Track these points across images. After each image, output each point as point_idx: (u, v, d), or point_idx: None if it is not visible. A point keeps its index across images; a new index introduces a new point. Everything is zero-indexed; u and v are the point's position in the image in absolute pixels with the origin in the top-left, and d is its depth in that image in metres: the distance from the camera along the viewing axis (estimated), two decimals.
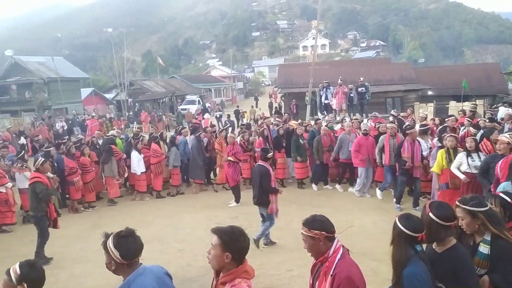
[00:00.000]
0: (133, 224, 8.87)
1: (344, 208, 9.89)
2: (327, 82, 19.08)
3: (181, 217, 9.94)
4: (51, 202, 7.48)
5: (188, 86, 49.29)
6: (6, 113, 35.00)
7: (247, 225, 8.77)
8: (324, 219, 3.01)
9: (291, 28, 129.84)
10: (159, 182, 11.95)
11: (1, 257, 7.89)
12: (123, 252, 2.69)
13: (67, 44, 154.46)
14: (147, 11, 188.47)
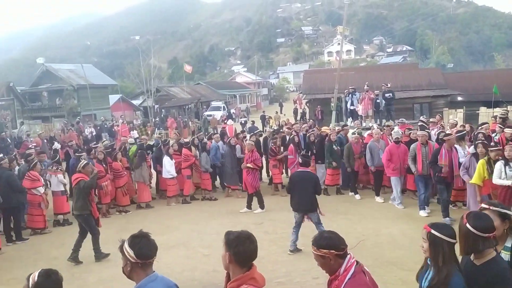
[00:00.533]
0: (159, 229, 9.03)
1: (371, 216, 9.73)
2: (353, 88, 18.90)
3: (207, 222, 9.98)
4: (94, 201, 7.70)
5: (213, 93, 49.69)
6: (38, 119, 36.05)
7: (272, 231, 8.86)
8: (332, 235, 2.89)
9: (316, 34, 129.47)
10: (188, 187, 12.08)
11: (33, 259, 8.09)
12: (136, 251, 2.77)
13: (96, 52, 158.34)
14: (173, 19, 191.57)
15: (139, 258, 2.78)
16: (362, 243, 7.92)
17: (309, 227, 8.72)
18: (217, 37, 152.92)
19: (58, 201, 10.47)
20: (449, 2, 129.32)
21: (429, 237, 2.85)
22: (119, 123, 29.92)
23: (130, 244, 2.80)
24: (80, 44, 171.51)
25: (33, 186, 9.64)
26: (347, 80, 24.32)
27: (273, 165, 12.15)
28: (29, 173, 9.76)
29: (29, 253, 8.66)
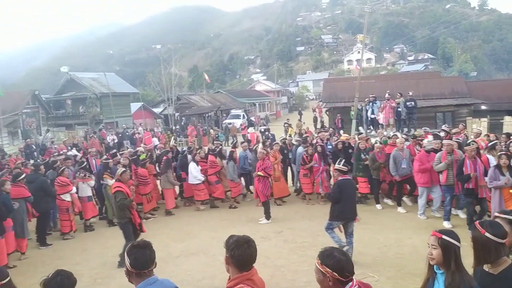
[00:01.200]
0: (179, 236, 9.07)
1: (393, 226, 9.58)
2: (374, 97, 18.78)
3: (227, 230, 9.97)
4: (134, 208, 7.86)
5: (233, 101, 49.95)
6: (62, 126, 36.83)
7: (291, 240, 8.82)
8: (342, 258, 2.58)
9: (336, 42, 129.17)
10: (221, 191, 12.19)
11: (56, 264, 8.21)
12: (132, 261, 2.86)
13: (118, 61, 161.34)
14: (193, 28, 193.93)
15: (133, 268, 2.86)
16: (384, 254, 7.84)
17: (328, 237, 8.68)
18: (237, 45, 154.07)
19: (85, 207, 10.72)
20: (471, 10, 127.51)
21: (440, 243, 2.82)
22: (139, 130, 30.34)
23: (127, 253, 2.90)
24: (102, 53, 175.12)
25: (63, 192, 9.93)
26: (367, 88, 24.15)
27: (303, 174, 12.04)
28: (58, 179, 10.04)
29: (52, 258, 8.81)
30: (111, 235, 9.92)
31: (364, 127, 18.16)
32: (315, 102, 65.33)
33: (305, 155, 12.07)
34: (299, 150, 12.91)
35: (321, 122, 32.49)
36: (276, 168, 12.01)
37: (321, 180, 11.90)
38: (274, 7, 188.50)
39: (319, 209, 11.44)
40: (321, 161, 11.94)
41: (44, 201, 9.51)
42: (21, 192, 8.88)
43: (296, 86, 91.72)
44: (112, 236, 9.80)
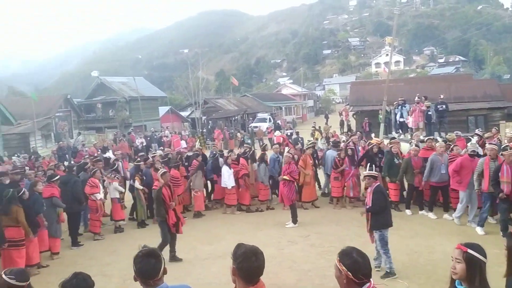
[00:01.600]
0: (207, 239, 9.13)
1: (424, 232, 9.37)
2: (403, 100, 18.41)
3: (253, 233, 9.99)
4: (170, 208, 8.08)
5: (259, 104, 50.04)
6: (92, 129, 37.74)
7: (319, 245, 8.73)
8: (359, 260, 2.61)
9: (363, 45, 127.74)
10: (247, 197, 12.19)
11: (87, 264, 8.41)
12: (137, 269, 2.77)
13: (146, 65, 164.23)
14: (220, 32, 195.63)
15: (138, 276, 2.78)
16: (415, 260, 7.67)
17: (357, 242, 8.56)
18: (263, 49, 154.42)
19: (115, 208, 10.99)
20: (504, 11, 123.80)
21: (465, 258, 2.72)
22: (166, 134, 30.77)
23: (134, 260, 2.81)
24: (131, 58, 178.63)
25: (92, 192, 10.24)
26: (396, 91, 23.73)
27: (334, 177, 11.94)
28: (90, 180, 10.39)
29: (84, 258, 9.00)
30: (140, 237, 10.07)
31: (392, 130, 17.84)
32: (341, 105, 64.72)
33: (337, 158, 11.95)
34: (329, 154, 12.79)
35: (348, 126, 32.15)
36: (305, 172, 11.89)
37: (352, 184, 11.76)
38: (301, 11, 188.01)
39: (346, 213, 11.32)
40: (352, 165, 11.82)
41: (75, 202, 9.79)
42: (52, 193, 9.17)
43: (322, 89, 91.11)
44: (140, 238, 9.94)
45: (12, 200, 7.82)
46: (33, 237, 8.08)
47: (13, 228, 7.69)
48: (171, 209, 8.20)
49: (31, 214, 8.06)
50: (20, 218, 7.72)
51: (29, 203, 8.16)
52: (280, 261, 8.00)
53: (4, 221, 7.71)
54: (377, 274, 6.92)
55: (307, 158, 12.15)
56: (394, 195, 11.14)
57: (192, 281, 7.28)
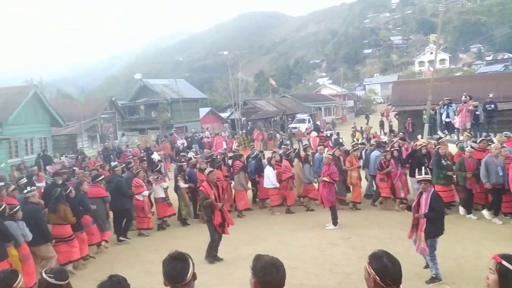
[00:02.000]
0: (247, 239, 9.15)
1: (471, 236, 9.01)
2: (449, 99, 17.77)
3: (293, 235, 9.94)
4: (216, 208, 8.13)
5: (299, 105, 49.82)
6: (135, 131, 38.82)
7: (360, 247, 8.57)
8: (390, 265, 2.56)
9: (406, 43, 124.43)
10: (291, 197, 12.16)
11: (131, 262, 8.65)
12: (164, 273, 2.77)
13: (187, 67, 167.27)
14: (259, 33, 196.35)
15: (166, 280, 2.78)
16: (461, 266, 7.37)
17: (400, 246, 8.34)
18: (302, 50, 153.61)
19: (160, 207, 11.32)
20: None
21: (498, 269, 2.56)
22: (206, 134, 31.20)
23: (163, 263, 2.82)
24: (172, 60, 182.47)
25: (137, 192, 10.63)
26: (441, 90, 22.94)
27: (380, 178, 11.71)
28: (134, 180, 10.77)
29: (128, 255, 9.27)
30: (183, 236, 10.27)
31: (438, 131, 17.25)
32: (382, 105, 63.37)
33: (383, 159, 11.70)
34: (374, 155, 12.51)
35: (390, 126, 31.42)
36: (352, 174, 11.80)
37: (401, 185, 11.52)
38: (341, 10, 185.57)
39: (388, 216, 11.06)
40: (398, 166, 11.59)
41: (119, 200, 10.15)
42: (99, 192, 9.60)
43: (363, 89, 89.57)
44: (182, 237, 10.14)
45: (59, 199, 8.18)
46: (80, 233, 8.49)
47: (60, 226, 8.06)
48: (217, 209, 8.20)
49: (77, 212, 8.42)
50: (68, 216, 8.07)
51: (75, 202, 8.55)
52: (321, 263, 7.92)
53: (52, 219, 8.09)
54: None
55: (353, 160, 11.99)
56: (446, 197, 10.56)
57: (233, 281, 7.34)
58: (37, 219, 7.62)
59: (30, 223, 7.38)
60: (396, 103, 26.62)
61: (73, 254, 8.17)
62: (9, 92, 22.03)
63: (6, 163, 18.45)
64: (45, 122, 23.63)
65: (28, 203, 7.90)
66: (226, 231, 8.44)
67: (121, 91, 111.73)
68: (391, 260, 2.60)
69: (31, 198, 7.95)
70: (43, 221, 7.82)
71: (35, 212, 7.78)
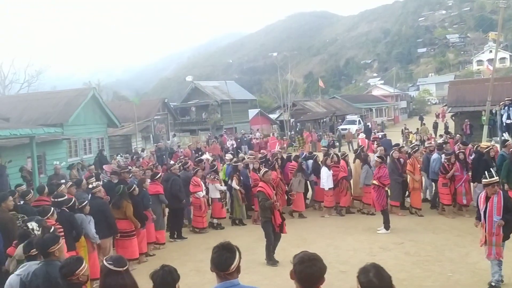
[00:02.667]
0: (296, 241, 9.11)
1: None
2: (510, 99, 16.83)
3: (343, 238, 9.79)
4: (276, 209, 8.16)
5: (349, 106, 49.01)
6: (186, 131, 39.75)
7: (414, 253, 8.31)
8: (375, 281, 2.59)
9: (463, 41, 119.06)
10: (346, 199, 12.01)
11: (183, 260, 8.87)
12: (211, 259, 3.02)
13: (237, 69, 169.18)
14: (309, 34, 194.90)
15: (212, 266, 3.04)
16: None
17: (456, 252, 8.02)
18: (353, 50, 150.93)
19: (216, 207, 11.60)
20: None
21: None
22: (256, 136, 31.39)
23: (212, 250, 3.08)
24: (223, 62, 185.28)
25: (195, 191, 10.95)
26: (502, 91, 21.80)
27: (442, 183, 11.03)
28: (193, 179, 11.09)
29: (179, 253, 9.51)
30: (235, 235, 10.41)
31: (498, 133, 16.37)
32: (437, 106, 60.97)
33: (447, 163, 11.00)
34: (433, 158, 11.91)
35: (446, 128, 30.14)
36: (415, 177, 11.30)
37: (464, 191, 10.86)
38: (394, 8, 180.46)
39: (443, 221, 10.64)
40: (463, 170, 10.97)
41: (174, 198, 10.47)
42: (157, 190, 10.03)
43: (416, 89, 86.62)
44: (235, 236, 10.27)
45: (123, 195, 8.64)
46: (142, 229, 8.95)
47: (123, 221, 8.52)
48: (276, 209, 8.19)
49: (140, 209, 8.87)
50: (128, 212, 8.51)
51: (138, 199, 9.00)
52: None
53: (116, 214, 8.55)
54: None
55: (415, 162, 11.43)
56: None
57: (281, 283, 7.34)
58: (106, 212, 8.13)
59: (99, 216, 7.89)
60: (452, 104, 25.54)
61: (134, 253, 8.55)
62: (70, 95, 23.19)
63: (66, 162, 19.46)
64: (102, 123, 24.69)
65: (95, 198, 8.39)
66: (285, 230, 8.41)
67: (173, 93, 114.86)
68: (379, 275, 2.57)
69: (97, 193, 8.44)
70: (111, 214, 8.29)
71: (104, 206, 8.30)
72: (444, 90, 59.07)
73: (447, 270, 7.28)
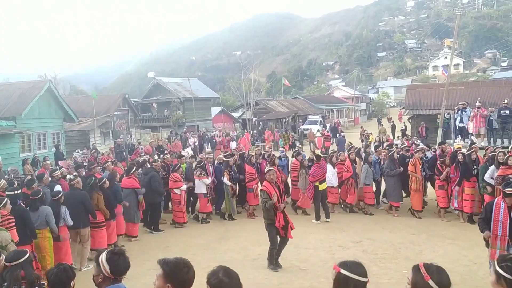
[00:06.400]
0: (255, 240, 9.07)
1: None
2: (464, 104, 17.60)
3: (304, 237, 9.87)
4: (279, 210, 7.62)
5: (311, 107, 49.65)
6: (148, 128, 39.06)
7: (371, 251, 8.50)
8: (226, 279, 2.58)
9: (420, 47, 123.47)
10: (352, 197, 11.94)
11: (141, 259, 8.66)
12: (113, 268, 2.94)
13: (200, 67, 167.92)
14: (273, 34, 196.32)
15: (113, 274, 2.94)
16: (473, 272, 7.27)
17: (411, 250, 8.25)
18: (315, 51, 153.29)
19: (202, 202, 11.66)
20: None
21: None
22: (216, 134, 31.27)
23: (107, 260, 2.94)
24: (186, 59, 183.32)
25: (175, 186, 11.01)
26: (455, 95, 22.76)
27: (438, 186, 10.88)
28: (172, 175, 11.13)
29: (138, 252, 9.27)
30: (197, 233, 10.26)
31: (452, 136, 17.09)
32: (396, 109, 62.82)
33: (440, 164, 10.93)
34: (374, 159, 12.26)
35: (402, 130, 31.11)
36: (416, 178, 11.10)
37: (456, 194, 10.62)
38: (355, 12, 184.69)
39: (400, 221, 10.96)
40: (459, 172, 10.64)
41: (152, 193, 10.60)
42: (132, 184, 10.16)
43: (376, 92, 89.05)
44: (196, 235, 10.14)
45: (94, 187, 8.79)
46: (112, 220, 9.13)
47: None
48: (279, 211, 7.57)
49: (110, 201, 9.06)
50: (100, 204, 8.67)
51: (109, 192, 9.14)
52: (331, 266, 7.83)
53: None
54: None
55: (417, 162, 11.25)
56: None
57: (242, 281, 7.30)
58: (86, 203, 8.29)
59: (79, 207, 8.15)
60: (409, 107, 26.39)
61: (102, 243, 8.73)
62: (24, 87, 22.23)
63: (19, 157, 18.66)
64: (58, 117, 23.85)
65: (75, 189, 8.53)
66: (289, 235, 7.72)
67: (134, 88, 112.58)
68: (227, 274, 2.61)
69: (76, 185, 8.55)
70: (91, 205, 8.43)
71: (84, 196, 8.39)
72: (401, 93, 61.01)
73: (403, 267, 7.49)
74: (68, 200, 7.98)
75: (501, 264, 2.58)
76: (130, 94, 46.18)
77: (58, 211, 7.61)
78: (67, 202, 7.93)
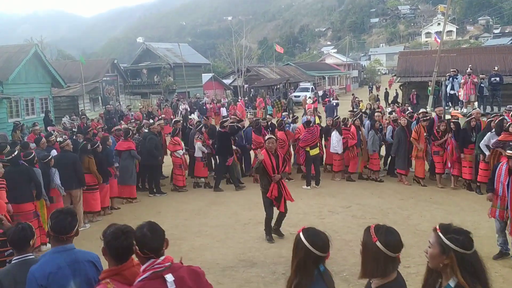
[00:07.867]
0: (247, 206, 9.16)
1: (469, 208, 9.09)
2: (455, 71, 17.57)
3: (294, 203, 9.96)
4: (274, 181, 7.35)
5: (302, 74, 49.31)
6: (137, 95, 38.59)
7: (360, 216, 8.66)
8: (149, 234, 2.59)
9: (413, 13, 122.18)
10: (353, 165, 11.87)
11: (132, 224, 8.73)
12: (52, 224, 2.98)
13: (191, 32, 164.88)
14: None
15: (52, 231, 2.96)
16: None
17: (400, 215, 8.41)
18: (308, 17, 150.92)
19: (197, 166, 11.77)
20: None
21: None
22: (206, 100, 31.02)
23: (50, 216, 3.03)
24: (176, 24, 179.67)
25: (175, 149, 11.23)
26: (447, 62, 22.70)
27: (434, 151, 10.89)
28: (172, 139, 11.39)
29: (130, 217, 9.34)
30: (187, 199, 10.34)
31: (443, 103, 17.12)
32: (387, 76, 62.69)
33: (437, 130, 10.89)
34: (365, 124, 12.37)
35: (394, 97, 31.17)
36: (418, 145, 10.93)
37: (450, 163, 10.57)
38: None
39: (389, 186, 11.13)
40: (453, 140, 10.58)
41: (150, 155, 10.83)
42: (129, 146, 10.49)
43: (368, 59, 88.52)
44: (185, 201, 10.22)
45: (83, 151, 8.99)
46: (105, 184, 9.34)
47: (86, 175, 8.73)
48: (274, 182, 7.33)
49: (103, 165, 9.27)
50: (92, 167, 8.87)
51: (101, 155, 9.33)
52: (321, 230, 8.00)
53: None
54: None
55: (421, 130, 10.99)
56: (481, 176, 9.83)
57: (233, 244, 7.46)
58: (76, 165, 8.45)
59: (70, 169, 8.28)
60: (401, 74, 26.28)
61: (95, 206, 9.08)
62: (10, 51, 21.70)
63: (7, 123, 18.44)
64: (46, 82, 23.42)
65: (65, 151, 8.61)
66: (282, 208, 7.50)
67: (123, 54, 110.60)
68: (151, 228, 2.63)
69: (66, 147, 8.63)
70: (81, 167, 8.61)
71: (74, 158, 8.53)
72: (394, 60, 60.81)
73: None
74: (59, 162, 8.15)
75: (448, 236, 2.32)
76: (119, 59, 45.20)
77: (47, 173, 7.79)
78: (58, 164, 8.09)
